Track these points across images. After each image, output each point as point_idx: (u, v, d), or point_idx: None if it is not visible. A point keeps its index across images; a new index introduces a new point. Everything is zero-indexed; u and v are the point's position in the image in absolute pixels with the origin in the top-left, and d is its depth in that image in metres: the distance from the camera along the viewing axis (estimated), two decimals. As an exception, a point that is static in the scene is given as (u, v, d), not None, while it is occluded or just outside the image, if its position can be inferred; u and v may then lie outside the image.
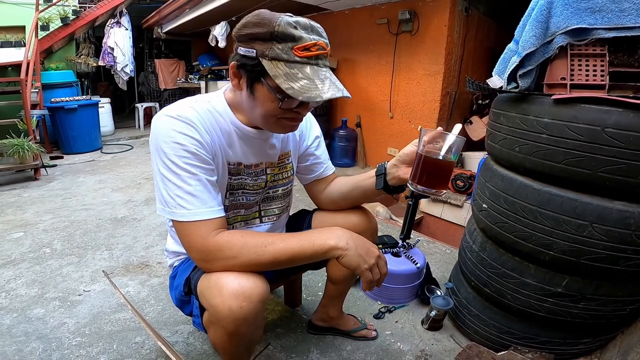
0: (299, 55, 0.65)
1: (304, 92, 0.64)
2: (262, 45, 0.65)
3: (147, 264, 1.74)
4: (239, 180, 0.86)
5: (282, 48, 0.64)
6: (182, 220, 0.70)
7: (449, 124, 3.09)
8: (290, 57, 0.65)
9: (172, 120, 0.71)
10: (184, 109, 0.74)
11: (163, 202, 0.72)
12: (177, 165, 0.70)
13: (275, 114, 0.72)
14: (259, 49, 0.65)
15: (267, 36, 0.64)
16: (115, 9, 4.98)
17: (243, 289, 0.67)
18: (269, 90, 0.68)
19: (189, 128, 0.71)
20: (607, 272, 0.92)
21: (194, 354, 1.18)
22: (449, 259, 1.88)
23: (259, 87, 0.69)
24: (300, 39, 0.64)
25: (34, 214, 2.35)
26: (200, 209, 0.70)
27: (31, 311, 1.37)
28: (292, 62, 0.65)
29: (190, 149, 0.70)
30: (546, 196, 0.95)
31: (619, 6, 0.89)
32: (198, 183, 0.71)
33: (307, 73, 0.65)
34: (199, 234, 0.69)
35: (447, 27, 2.76)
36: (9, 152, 2.92)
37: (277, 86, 0.65)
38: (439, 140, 0.72)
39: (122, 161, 3.85)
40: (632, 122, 0.81)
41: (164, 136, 0.70)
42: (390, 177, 0.85)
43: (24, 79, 3.35)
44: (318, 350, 1.22)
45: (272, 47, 0.64)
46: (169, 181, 0.70)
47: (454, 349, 1.24)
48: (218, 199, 0.74)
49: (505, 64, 1.07)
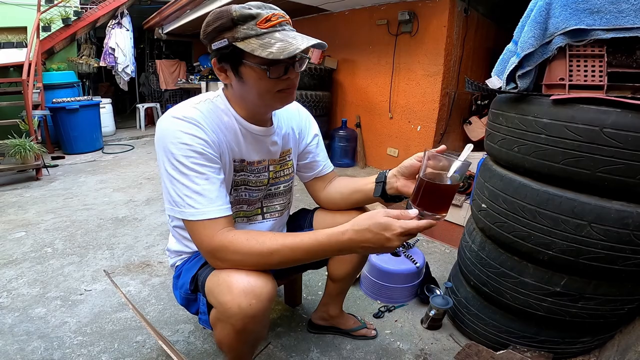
0: (264, 27, 0.70)
1: (282, 51, 0.67)
2: (230, 32, 0.70)
3: (148, 264, 1.75)
4: (242, 177, 0.88)
5: (247, 27, 0.69)
6: (191, 219, 0.71)
7: (448, 124, 3.09)
8: (258, 31, 0.69)
9: (178, 122, 0.73)
10: (189, 109, 0.75)
11: (172, 202, 0.73)
12: (185, 166, 0.71)
13: (269, 89, 0.75)
14: (228, 37, 0.70)
15: (229, 24, 0.70)
16: (116, 10, 5.00)
17: (253, 287, 0.69)
18: (253, 67, 0.71)
19: (195, 128, 0.73)
20: (606, 271, 0.92)
21: (194, 353, 1.19)
22: (448, 259, 1.88)
23: (244, 69, 0.73)
24: (258, 15, 0.70)
25: (35, 213, 2.35)
26: (208, 207, 0.71)
27: (33, 310, 1.38)
28: (261, 34, 0.69)
29: (197, 148, 0.72)
30: (545, 196, 0.96)
31: (617, 7, 0.90)
32: (206, 182, 0.72)
33: (277, 37, 0.70)
34: (207, 232, 0.71)
35: (447, 28, 2.77)
36: (11, 153, 2.93)
37: (258, 59, 0.70)
38: (444, 161, 0.68)
39: (123, 161, 3.86)
40: (630, 122, 0.81)
41: (171, 137, 0.72)
42: (389, 186, 0.87)
43: (26, 79, 3.36)
44: (318, 349, 1.23)
45: (238, 30, 0.69)
46: (177, 181, 0.72)
47: (453, 348, 1.24)
48: (226, 197, 0.76)
49: (504, 64, 1.08)
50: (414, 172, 0.82)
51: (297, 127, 0.99)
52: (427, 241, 2.09)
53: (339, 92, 4.00)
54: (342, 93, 3.97)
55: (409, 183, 0.83)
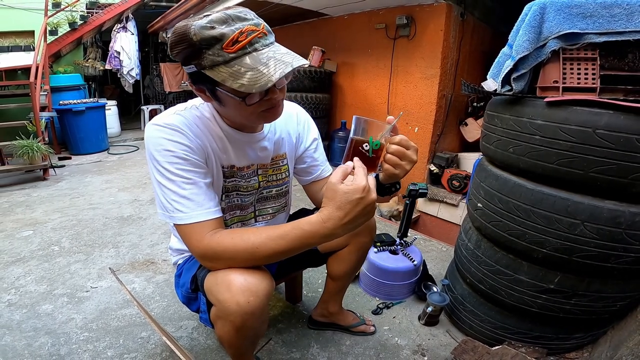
0: (231, 51, 0.62)
1: (254, 84, 0.62)
2: (195, 59, 0.64)
3: (153, 262, 1.77)
4: (232, 183, 0.88)
5: (212, 53, 0.62)
6: (180, 223, 0.72)
7: (445, 126, 3.12)
8: (225, 57, 0.62)
9: (160, 129, 0.73)
10: (171, 116, 0.75)
11: (162, 207, 0.75)
12: (170, 172, 0.72)
13: (251, 112, 0.71)
14: (195, 63, 0.64)
15: (193, 49, 0.63)
16: (121, 14, 5.05)
17: (250, 285, 0.70)
18: (228, 94, 0.67)
19: (178, 135, 0.73)
20: (598, 269, 0.94)
21: (197, 349, 1.21)
22: (445, 257, 1.89)
23: (220, 94, 0.68)
24: (223, 37, 0.62)
25: (42, 213, 2.39)
26: (196, 211, 0.72)
27: (40, 307, 1.40)
28: (229, 60, 0.63)
29: (179, 154, 0.72)
30: (539, 196, 0.97)
31: (610, 12, 0.91)
32: (192, 186, 0.73)
33: (248, 64, 0.63)
34: (196, 236, 0.71)
35: (443, 31, 2.80)
36: (19, 153, 2.98)
37: (231, 89, 0.64)
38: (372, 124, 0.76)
39: (128, 162, 3.90)
40: (622, 123, 0.83)
41: (155, 145, 0.72)
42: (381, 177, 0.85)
43: (33, 82, 3.41)
44: (318, 345, 1.24)
45: (204, 57, 0.63)
46: (165, 187, 0.72)
47: (449, 344, 1.26)
48: (214, 200, 0.76)
49: (500, 67, 1.09)
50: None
51: (294, 131, 0.97)
52: (424, 239, 2.10)
53: (338, 94, 4.03)
54: (342, 95, 4.00)
55: None
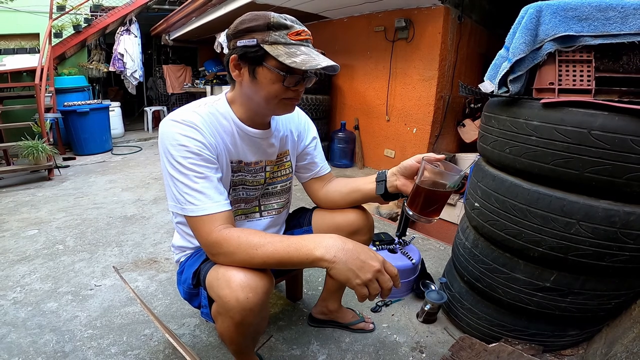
0: (293, 39, 0.75)
1: (305, 63, 0.72)
2: (261, 34, 0.74)
3: (156, 260, 1.79)
4: (239, 177, 0.92)
5: (278, 34, 0.74)
6: (192, 215, 0.76)
7: (443, 127, 3.14)
8: (287, 40, 0.74)
9: (177, 125, 0.77)
10: (188, 113, 0.80)
11: (174, 200, 0.78)
12: (184, 166, 0.76)
13: (277, 94, 0.79)
14: (258, 38, 0.74)
15: (264, 27, 0.74)
16: (125, 17, 5.11)
17: (249, 282, 0.72)
18: (272, 71, 0.75)
19: (192, 131, 0.77)
20: (594, 267, 0.95)
21: (199, 346, 1.22)
22: (443, 255, 1.90)
23: (261, 70, 0.76)
24: (292, 27, 0.75)
25: (47, 212, 2.41)
26: (207, 203, 0.75)
27: (45, 305, 1.41)
28: (289, 44, 0.75)
29: (194, 150, 0.76)
30: (535, 195, 0.98)
31: (605, 14, 0.92)
32: (204, 181, 0.76)
33: (303, 50, 0.75)
34: (206, 228, 0.75)
35: (441, 34, 2.83)
36: (24, 154, 3.02)
37: (279, 65, 0.74)
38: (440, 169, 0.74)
39: (132, 162, 3.93)
40: (617, 124, 0.84)
41: (170, 139, 0.76)
42: (389, 184, 0.91)
43: (38, 83, 3.45)
44: (318, 342, 1.26)
45: (270, 34, 0.74)
46: (178, 180, 0.76)
47: (447, 341, 1.27)
48: (224, 193, 0.80)
49: (497, 69, 1.09)
50: (413, 173, 0.87)
51: (295, 129, 1.02)
52: (422, 238, 2.11)
53: (338, 96, 4.07)
54: (341, 97, 4.03)
55: (408, 182, 0.88)
